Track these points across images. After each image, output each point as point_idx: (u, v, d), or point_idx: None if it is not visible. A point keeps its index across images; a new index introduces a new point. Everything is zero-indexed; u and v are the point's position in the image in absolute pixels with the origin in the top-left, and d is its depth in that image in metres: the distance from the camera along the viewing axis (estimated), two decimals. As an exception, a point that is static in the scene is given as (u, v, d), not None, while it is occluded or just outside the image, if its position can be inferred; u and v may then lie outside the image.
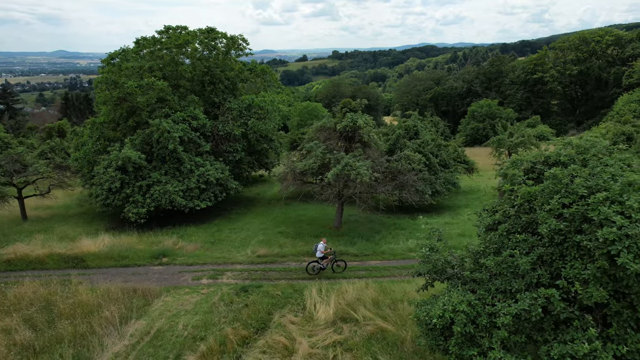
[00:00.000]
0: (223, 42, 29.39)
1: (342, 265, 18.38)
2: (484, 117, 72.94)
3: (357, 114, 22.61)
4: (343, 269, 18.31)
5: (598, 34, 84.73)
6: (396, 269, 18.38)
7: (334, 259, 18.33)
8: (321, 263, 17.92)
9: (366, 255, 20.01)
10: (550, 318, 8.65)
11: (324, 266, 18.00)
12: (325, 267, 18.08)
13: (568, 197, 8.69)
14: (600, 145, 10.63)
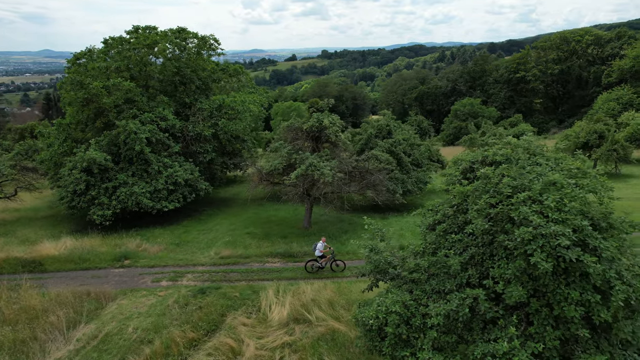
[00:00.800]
0: (194, 42, 29.16)
1: (342, 265, 18.45)
2: (466, 115, 73.43)
3: (324, 114, 22.60)
4: (342, 268, 18.32)
5: (578, 33, 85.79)
6: (357, 269, 18.34)
7: (333, 258, 18.31)
8: (320, 262, 18.02)
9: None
10: (479, 318, 8.70)
11: (323, 265, 18.11)
12: (324, 266, 18.17)
13: (495, 197, 8.74)
14: (535, 145, 10.72)
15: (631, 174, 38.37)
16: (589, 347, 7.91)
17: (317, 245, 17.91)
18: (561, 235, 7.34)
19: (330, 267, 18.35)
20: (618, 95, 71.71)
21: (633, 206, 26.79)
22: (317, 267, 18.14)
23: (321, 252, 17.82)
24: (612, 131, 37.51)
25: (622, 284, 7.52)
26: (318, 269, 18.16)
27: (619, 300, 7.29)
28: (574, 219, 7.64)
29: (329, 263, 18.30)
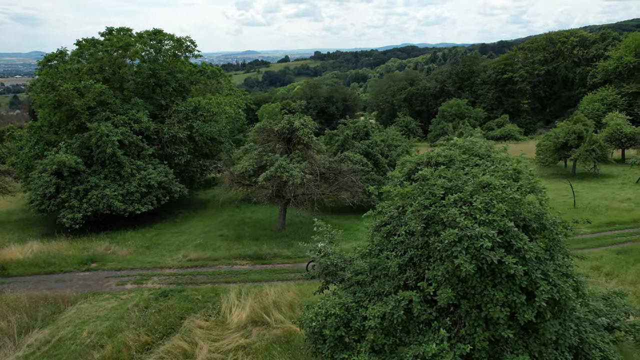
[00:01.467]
0: (170, 44, 29.05)
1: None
2: (453, 116, 73.74)
3: (295, 116, 22.59)
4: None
5: (564, 34, 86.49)
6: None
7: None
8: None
9: (299, 257, 19.97)
10: (415, 320, 8.72)
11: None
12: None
13: (430, 199, 8.78)
14: (479, 145, 10.78)
15: (610, 173, 38.71)
16: (518, 347, 7.96)
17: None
18: (484, 237, 7.37)
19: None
20: (602, 96, 72.39)
21: (604, 205, 27.07)
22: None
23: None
24: (590, 132, 37.82)
25: (548, 284, 7.57)
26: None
27: (542, 301, 7.34)
28: (500, 221, 7.68)
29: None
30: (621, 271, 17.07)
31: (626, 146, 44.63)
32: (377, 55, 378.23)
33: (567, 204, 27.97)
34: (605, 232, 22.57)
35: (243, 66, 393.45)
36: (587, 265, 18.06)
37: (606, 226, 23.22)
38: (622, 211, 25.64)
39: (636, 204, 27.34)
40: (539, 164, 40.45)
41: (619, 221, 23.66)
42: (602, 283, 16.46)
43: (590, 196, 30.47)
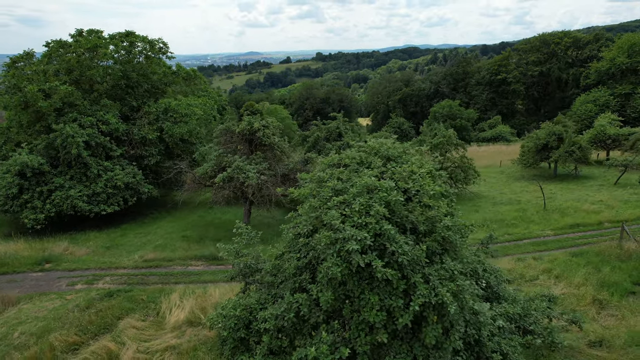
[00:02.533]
0: (142, 46, 29.17)
1: None
2: (445, 117, 73.53)
3: (255, 117, 22.62)
4: None
5: (557, 35, 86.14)
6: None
7: None
8: None
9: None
10: (307, 322, 8.71)
11: None
12: None
13: (321, 201, 8.76)
14: (387, 146, 10.73)
15: (590, 175, 38.48)
16: (402, 351, 7.92)
17: None
18: (353, 240, 7.34)
19: None
20: (595, 97, 72.04)
21: (574, 207, 26.92)
22: None
23: None
24: (570, 133, 37.63)
25: (427, 288, 7.52)
26: None
27: (416, 305, 7.31)
28: (377, 223, 7.65)
29: None
30: (570, 273, 16.94)
31: (611, 147, 44.33)
32: (379, 56, 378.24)
33: (539, 205, 27.83)
34: (568, 234, 22.43)
35: (245, 67, 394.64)
36: (540, 267, 17.99)
37: (570, 228, 23.08)
38: (590, 213, 25.48)
39: (607, 206, 27.16)
40: (521, 165, 40.27)
41: (583, 223, 23.51)
42: (550, 285, 16.35)
43: (565, 198, 30.29)
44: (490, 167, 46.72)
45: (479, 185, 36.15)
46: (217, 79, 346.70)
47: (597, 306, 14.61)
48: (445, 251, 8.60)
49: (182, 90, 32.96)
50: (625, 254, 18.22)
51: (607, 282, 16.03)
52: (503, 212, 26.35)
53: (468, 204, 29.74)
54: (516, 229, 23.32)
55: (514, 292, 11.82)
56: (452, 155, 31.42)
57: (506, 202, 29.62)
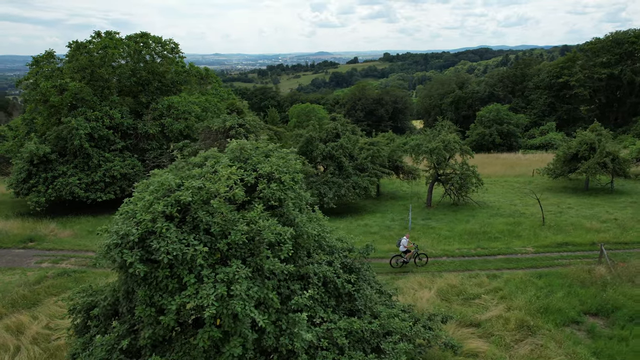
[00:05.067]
0: (154, 46, 31.13)
1: (425, 260, 19.18)
2: (491, 122, 69.39)
3: (232, 116, 23.24)
4: (425, 262, 19.10)
5: (634, 34, 77.44)
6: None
7: (417, 252, 19.19)
8: (404, 257, 18.93)
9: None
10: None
11: (407, 260, 18.98)
12: (409, 261, 19.05)
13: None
14: (249, 146, 10.62)
15: (625, 190, 34.47)
16: (182, 350, 7.99)
17: (402, 241, 18.83)
18: (114, 235, 7.55)
19: (414, 262, 19.10)
20: (671, 103, 64.18)
21: (575, 223, 24.43)
22: (401, 262, 19.00)
23: (405, 248, 18.74)
24: (604, 142, 33.90)
25: (196, 289, 7.53)
26: (403, 263, 18.99)
27: (174, 305, 7.36)
28: (152, 221, 7.76)
29: (413, 258, 19.08)
30: (516, 295, 15.54)
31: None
32: (448, 57, 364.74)
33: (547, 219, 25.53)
34: (550, 252, 20.46)
35: (312, 67, 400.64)
36: (490, 286, 16.71)
37: (556, 247, 21.01)
38: (591, 232, 22.94)
39: (618, 225, 24.27)
40: (547, 175, 37.05)
41: (574, 242, 21.26)
42: (488, 306, 15.13)
43: (577, 213, 27.50)
44: (521, 177, 43.48)
45: (490, 195, 33.92)
46: (284, 78, 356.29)
47: (523, 332, 13.31)
48: (252, 255, 8.49)
49: (197, 89, 34.62)
50: (591, 279, 16.31)
51: (551, 308, 14.52)
52: (494, 224, 24.57)
53: (465, 213, 28.09)
54: (495, 243, 21.70)
55: (387, 308, 11.22)
56: (455, 161, 29.75)
57: (507, 214, 27.52)
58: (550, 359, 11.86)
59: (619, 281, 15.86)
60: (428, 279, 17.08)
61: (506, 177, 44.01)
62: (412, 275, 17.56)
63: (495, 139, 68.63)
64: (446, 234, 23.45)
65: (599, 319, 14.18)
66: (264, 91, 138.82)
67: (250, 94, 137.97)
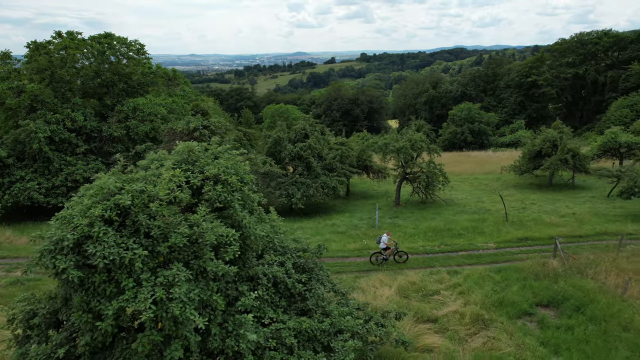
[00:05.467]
0: (118, 47, 30.52)
1: (404, 257, 19.32)
2: (463, 121, 70.79)
3: (195, 117, 23.02)
4: (405, 260, 19.23)
5: (596, 35, 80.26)
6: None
7: (396, 250, 19.32)
8: (384, 254, 19.01)
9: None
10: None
11: (387, 257, 19.09)
12: (388, 258, 19.15)
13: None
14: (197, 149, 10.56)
15: (586, 185, 35.75)
16: (123, 356, 7.90)
17: (382, 238, 18.89)
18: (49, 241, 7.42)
19: (394, 259, 19.25)
20: (633, 101, 66.76)
21: (536, 219, 25.13)
22: (381, 259, 19.10)
23: (385, 245, 18.82)
24: (565, 140, 35.03)
25: (134, 293, 7.45)
26: (383, 260, 19.08)
27: (111, 309, 7.28)
28: (88, 225, 7.66)
29: (393, 255, 19.22)
30: (474, 291, 15.90)
31: (625, 156, 40.80)
32: (424, 57, 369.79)
33: (510, 215, 26.16)
34: (511, 247, 21.03)
35: (289, 67, 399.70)
36: (450, 282, 17.02)
37: (516, 242, 21.61)
38: (550, 226, 23.70)
39: (576, 219, 25.12)
40: (513, 172, 38.04)
41: (533, 237, 21.92)
42: (447, 301, 15.41)
43: (540, 209, 28.34)
44: (490, 174, 44.53)
45: (458, 192, 34.64)
46: (261, 79, 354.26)
47: (478, 326, 13.63)
48: (196, 257, 8.45)
49: (163, 91, 34.10)
50: (545, 272, 16.84)
51: (506, 301, 14.92)
52: (458, 221, 25.06)
53: (431, 210, 28.58)
54: (458, 240, 22.14)
55: (341, 307, 11.33)
56: (422, 160, 30.21)
57: (473, 211, 28.14)
58: (501, 350, 12.18)
59: (570, 273, 16.42)
60: (390, 276, 17.29)
61: (476, 175, 44.98)
62: (375, 274, 17.75)
63: (467, 138, 70.05)
64: (411, 231, 23.79)
65: (550, 310, 14.65)
66: (240, 92, 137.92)
67: (225, 94, 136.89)
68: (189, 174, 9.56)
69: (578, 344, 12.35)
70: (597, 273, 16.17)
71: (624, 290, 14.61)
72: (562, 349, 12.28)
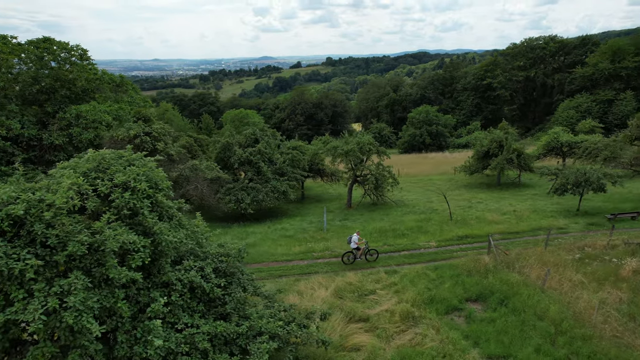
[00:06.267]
0: (58, 52, 29.57)
1: (375, 256, 19.74)
2: (421, 123, 72.59)
3: (137, 124, 22.62)
4: (375, 258, 19.66)
5: (544, 40, 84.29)
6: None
7: (367, 249, 19.67)
8: (355, 253, 19.24)
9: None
10: None
11: (358, 256, 19.36)
12: (360, 257, 19.43)
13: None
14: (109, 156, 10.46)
15: (531, 184, 37.36)
16: None
17: (352, 238, 19.17)
18: None
19: (365, 258, 19.60)
20: (577, 103, 70.32)
21: (479, 217, 26.10)
22: (352, 258, 19.38)
23: (356, 245, 19.11)
24: (510, 140, 36.58)
25: (24, 304, 7.30)
26: (354, 259, 19.37)
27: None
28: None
29: (364, 254, 19.54)
30: (409, 289, 16.33)
31: (567, 154, 42.96)
32: (388, 61, 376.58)
33: (453, 214, 27.00)
34: (451, 245, 21.72)
35: (255, 72, 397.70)
36: (387, 281, 17.40)
37: (457, 240, 22.35)
38: (491, 223, 24.67)
39: (516, 217, 26.25)
40: (463, 172, 39.32)
41: (472, 235, 22.72)
42: (382, 300, 15.75)
43: (485, 207, 29.40)
44: (445, 175, 45.83)
45: (411, 193, 35.48)
46: (227, 83, 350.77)
47: (408, 323, 14.01)
48: (99, 265, 8.34)
49: (110, 97, 33.25)
50: (477, 268, 17.51)
51: (437, 298, 15.40)
52: (404, 222, 25.67)
53: (381, 212, 29.13)
54: (402, 240, 22.68)
55: (266, 309, 11.43)
56: (372, 162, 30.78)
57: (420, 211, 28.87)
58: (424, 346, 12.58)
59: (499, 268, 17.15)
60: (329, 278, 17.50)
61: (431, 176, 46.23)
62: (315, 276, 17.91)
63: (426, 139, 71.85)
64: (359, 233, 24.15)
65: (478, 304, 15.25)
66: (203, 97, 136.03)
67: (188, 100, 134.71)
68: (98, 182, 9.46)
69: (497, 335, 12.92)
70: (523, 267, 16.97)
71: (543, 282, 15.39)
72: (483, 340, 12.80)
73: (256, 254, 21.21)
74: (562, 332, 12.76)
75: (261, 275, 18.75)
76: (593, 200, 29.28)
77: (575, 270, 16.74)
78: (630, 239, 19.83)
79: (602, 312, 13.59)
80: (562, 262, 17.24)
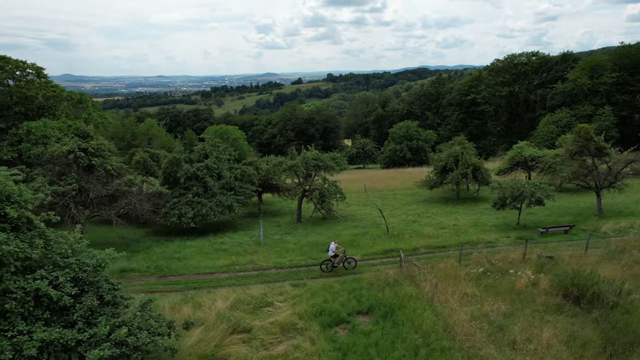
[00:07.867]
0: (10, 70, 30.60)
1: (353, 263, 20.14)
2: (402, 138, 73.12)
3: (72, 140, 23.25)
4: (353, 266, 20.06)
5: (526, 56, 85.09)
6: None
7: (345, 257, 20.15)
8: (333, 261, 19.71)
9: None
10: None
11: (336, 264, 19.81)
12: (337, 265, 19.89)
13: None
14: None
15: (487, 198, 37.46)
16: None
17: (330, 246, 19.58)
18: None
19: (343, 266, 20.01)
20: (558, 118, 70.58)
21: (414, 231, 26.31)
22: (331, 266, 19.83)
23: (334, 253, 19.50)
24: (465, 155, 36.89)
25: None
26: (332, 267, 19.83)
27: None
28: None
29: (342, 262, 19.96)
30: (306, 301, 16.52)
31: (532, 168, 43.12)
32: (389, 77, 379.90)
33: (393, 228, 27.23)
34: (373, 259, 21.84)
35: (257, 88, 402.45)
36: (291, 294, 17.54)
37: (382, 254, 22.51)
38: (425, 238, 24.84)
39: (454, 231, 26.43)
40: (423, 187, 39.56)
41: (398, 249, 22.83)
42: (276, 312, 15.96)
43: (430, 221, 29.58)
44: (410, 189, 46.02)
45: (369, 208, 35.70)
46: (228, 99, 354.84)
47: (289, 335, 14.20)
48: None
49: (73, 113, 34.13)
50: (379, 280, 17.70)
51: (327, 310, 15.57)
52: (341, 236, 25.85)
53: (326, 226, 29.40)
54: (326, 254, 22.87)
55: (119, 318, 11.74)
56: (319, 178, 31.21)
57: (364, 225, 29.09)
58: (290, 356, 12.77)
59: (400, 281, 17.33)
60: (235, 291, 17.76)
61: (396, 191, 46.46)
62: (223, 289, 18.16)
63: (406, 155, 72.24)
64: (292, 247, 24.42)
65: (367, 317, 15.40)
66: (197, 113, 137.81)
67: (182, 116, 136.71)
68: None
69: (366, 348, 13.08)
70: (422, 281, 17.15)
71: (432, 295, 15.57)
72: (351, 352, 12.94)
73: (181, 267, 21.55)
74: (428, 344, 12.93)
75: (178, 287, 19.08)
76: (536, 214, 29.41)
77: (474, 284, 16.89)
78: (543, 252, 19.96)
79: (476, 324, 13.73)
80: (462, 276, 17.40)
